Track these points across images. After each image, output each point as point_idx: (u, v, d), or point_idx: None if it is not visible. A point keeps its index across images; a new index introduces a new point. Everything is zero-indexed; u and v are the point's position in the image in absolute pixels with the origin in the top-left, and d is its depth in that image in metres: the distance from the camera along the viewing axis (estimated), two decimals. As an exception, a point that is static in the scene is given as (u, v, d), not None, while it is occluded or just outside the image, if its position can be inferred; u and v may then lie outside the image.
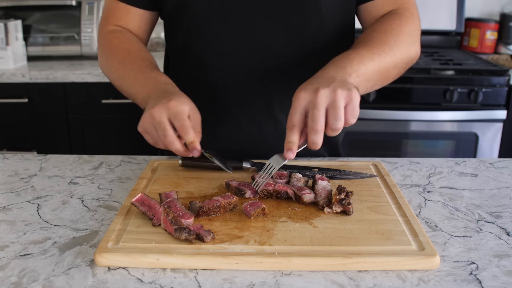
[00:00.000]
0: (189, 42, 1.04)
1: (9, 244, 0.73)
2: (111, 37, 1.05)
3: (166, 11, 1.05)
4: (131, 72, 0.97)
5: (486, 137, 2.19)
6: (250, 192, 0.85)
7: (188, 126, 0.80)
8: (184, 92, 1.11)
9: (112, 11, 1.07)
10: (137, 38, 1.07)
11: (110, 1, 1.07)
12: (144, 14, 1.07)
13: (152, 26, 1.12)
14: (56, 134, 2.27)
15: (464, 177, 0.99)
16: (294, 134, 0.78)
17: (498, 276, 0.65)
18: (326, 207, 0.79)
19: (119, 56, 1.01)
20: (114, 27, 1.07)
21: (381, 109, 2.15)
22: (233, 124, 1.07)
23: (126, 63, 0.99)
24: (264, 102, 1.05)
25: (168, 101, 0.81)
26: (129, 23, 1.07)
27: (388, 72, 0.92)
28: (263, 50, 1.00)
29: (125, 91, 0.99)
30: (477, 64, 2.27)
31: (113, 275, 0.65)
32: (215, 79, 1.04)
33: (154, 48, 2.68)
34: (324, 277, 0.65)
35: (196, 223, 0.75)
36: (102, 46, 1.07)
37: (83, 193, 0.91)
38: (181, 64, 1.09)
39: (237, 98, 1.05)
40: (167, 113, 0.80)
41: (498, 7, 2.70)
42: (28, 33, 2.40)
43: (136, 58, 0.99)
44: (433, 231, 0.77)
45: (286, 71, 1.02)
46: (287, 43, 1.00)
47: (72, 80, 2.16)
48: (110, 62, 1.03)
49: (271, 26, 0.99)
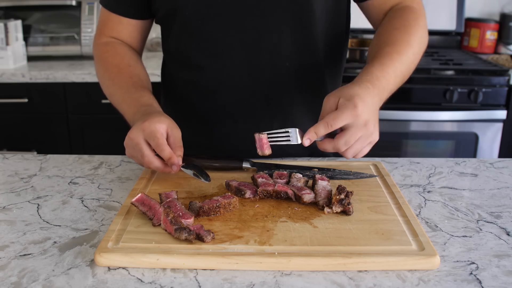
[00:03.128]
0: (182, 44, 1.05)
1: (9, 244, 0.73)
2: (103, 51, 1.07)
3: (159, 15, 1.06)
4: (119, 90, 1.01)
5: (486, 137, 2.19)
6: (250, 192, 0.85)
7: (163, 144, 0.84)
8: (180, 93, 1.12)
9: (105, 22, 1.10)
10: (129, 50, 1.08)
11: (104, 13, 1.09)
12: (136, 23, 1.09)
13: (146, 34, 1.13)
14: (56, 134, 2.27)
15: (464, 177, 0.99)
16: (324, 131, 0.81)
17: (498, 276, 0.65)
18: (326, 207, 0.79)
19: (109, 72, 1.04)
20: (107, 39, 1.09)
21: (381, 109, 2.13)
22: (230, 124, 1.07)
23: (115, 80, 1.02)
24: (260, 100, 1.05)
25: (143, 123, 0.85)
26: (122, 33, 1.09)
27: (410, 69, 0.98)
28: (256, 48, 1.01)
29: (116, 107, 1.03)
30: (477, 64, 2.27)
31: (113, 275, 0.65)
32: (209, 79, 1.05)
33: (154, 48, 2.68)
34: (324, 277, 0.65)
35: (196, 223, 0.75)
36: (95, 59, 1.10)
37: (83, 193, 0.91)
38: (176, 66, 1.10)
39: (232, 97, 1.05)
40: (143, 134, 0.84)
41: (498, 7, 2.70)
42: (28, 33, 2.40)
43: (125, 75, 1.02)
44: (433, 231, 0.77)
45: (280, 68, 1.03)
46: (279, 40, 1.01)
47: (72, 80, 2.16)
48: (102, 78, 1.07)
49: (263, 24, 0.99)
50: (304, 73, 1.05)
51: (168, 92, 1.16)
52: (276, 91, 1.04)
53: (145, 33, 1.13)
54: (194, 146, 1.09)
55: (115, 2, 1.06)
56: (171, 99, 1.16)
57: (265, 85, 1.04)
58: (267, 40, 1.00)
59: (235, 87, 1.04)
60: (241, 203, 0.82)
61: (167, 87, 1.16)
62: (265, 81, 1.03)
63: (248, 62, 1.02)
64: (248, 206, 0.82)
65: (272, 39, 1.00)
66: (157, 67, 1.58)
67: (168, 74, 1.14)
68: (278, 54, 1.02)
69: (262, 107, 1.06)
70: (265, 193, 0.84)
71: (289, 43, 1.01)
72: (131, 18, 1.08)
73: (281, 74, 1.03)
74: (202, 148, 1.09)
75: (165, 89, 1.17)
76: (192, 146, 1.10)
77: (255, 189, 0.85)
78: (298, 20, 1.00)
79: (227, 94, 1.05)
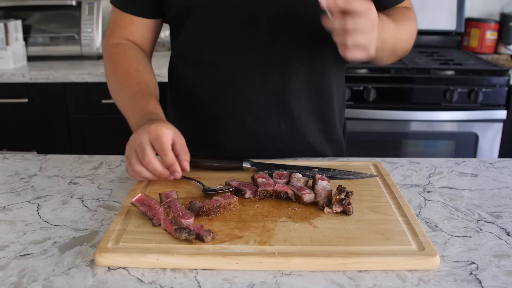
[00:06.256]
0: (194, 42, 1.05)
1: (9, 244, 0.73)
2: (113, 53, 1.07)
3: (171, 14, 1.06)
4: (126, 95, 1.01)
5: (486, 137, 2.19)
6: (250, 192, 0.85)
7: (168, 149, 0.84)
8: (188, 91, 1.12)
9: (116, 22, 1.10)
10: (139, 53, 1.09)
11: (115, 13, 1.10)
12: (148, 23, 1.09)
13: (157, 34, 1.14)
14: (56, 134, 2.27)
15: (464, 177, 0.99)
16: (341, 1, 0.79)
17: (498, 276, 0.65)
18: (326, 207, 0.79)
19: (117, 75, 1.04)
20: (118, 40, 1.09)
21: (381, 109, 2.15)
22: (237, 122, 1.07)
23: (123, 84, 1.02)
24: (268, 99, 1.05)
25: (149, 125, 0.85)
26: (133, 33, 1.09)
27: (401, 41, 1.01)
28: (268, 48, 1.01)
29: (121, 111, 1.03)
30: (477, 64, 2.27)
31: (113, 275, 0.65)
32: (220, 77, 1.05)
33: (155, 48, 2.68)
34: (324, 277, 0.65)
35: (196, 223, 0.75)
36: (105, 60, 1.10)
37: (83, 193, 0.91)
38: (185, 64, 1.10)
39: (241, 96, 1.05)
40: (148, 136, 0.84)
41: (498, 7, 2.70)
42: (28, 33, 2.40)
43: (132, 80, 1.02)
44: (433, 231, 0.77)
45: (291, 68, 1.03)
46: (291, 40, 1.01)
47: (72, 80, 2.16)
48: (110, 80, 1.06)
49: (276, 24, 0.99)
50: (313, 74, 1.06)
51: (175, 90, 1.16)
52: (285, 91, 1.05)
53: (156, 33, 1.13)
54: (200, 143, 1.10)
55: (127, 2, 1.06)
56: (177, 96, 1.16)
57: (275, 85, 1.04)
58: (280, 40, 1.01)
59: (244, 86, 1.04)
60: (241, 203, 0.82)
61: (173, 85, 1.16)
62: (275, 81, 1.04)
63: (259, 61, 1.02)
64: (248, 206, 0.82)
65: (284, 39, 1.01)
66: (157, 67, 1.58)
67: (176, 72, 1.15)
68: (289, 54, 1.02)
69: (270, 107, 1.06)
70: (265, 193, 0.84)
71: (301, 44, 1.02)
72: (144, 17, 1.08)
73: (291, 74, 1.04)
74: (207, 146, 1.10)
75: (171, 87, 1.17)
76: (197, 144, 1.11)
77: (255, 189, 0.85)
78: (310, 21, 1.00)
79: (236, 92, 1.05)
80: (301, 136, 1.09)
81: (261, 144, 1.08)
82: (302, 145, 1.10)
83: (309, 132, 1.10)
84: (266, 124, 1.07)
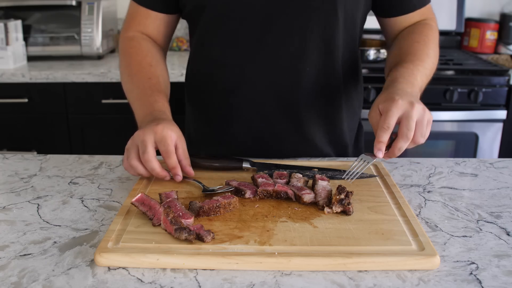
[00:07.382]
0: (207, 40, 1.06)
1: (9, 244, 0.73)
2: (128, 46, 1.08)
3: (186, 11, 1.07)
4: (136, 89, 1.01)
5: (486, 137, 2.19)
6: (250, 192, 0.85)
7: (172, 152, 0.86)
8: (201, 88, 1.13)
9: (133, 16, 1.10)
10: (153, 48, 1.09)
11: (132, 6, 1.10)
12: (164, 17, 1.09)
13: (172, 29, 1.14)
14: (56, 134, 2.27)
15: (464, 177, 0.99)
16: (386, 135, 0.83)
17: (498, 276, 0.65)
18: (326, 207, 0.79)
19: (130, 68, 1.05)
20: (133, 33, 1.10)
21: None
22: (244, 122, 1.08)
23: (134, 78, 1.03)
24: (276, 101, 1.05)
25: (156, 126, 0.86)
26: (149, 27, 1.10)
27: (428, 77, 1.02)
28: (279, 50, 1.01)
29: (130, 103, 1.03)
30: (477, 64, 2.27)
31: (113, 275, 0.65)
32: (230, 76, 1.05)
33: None
34: (324, 277, 0.65)
35: (196, 223, 0.75)
36: (120, 52, 1.11)
37: (83, 193, 0.91)
38: (199, 61, 1.11)
39: (249, 96, 1.06)
40: (154, 136, 0.85)
41: (498, 7, 2.70)
42: (28, 33, 2.40)
43: (144, 75, 1.02)
44: (433, 231, 0.77)
45: (301, 72, 1.03)
46: (303, 44, 1.01)
47: (72, 80, 2.16)
48: (123, 73, 1.07)
49: (289, 26, 0.99)
50: (322, 78, 1.06)
51: (189, 85, 1.17)
52: (293, 94, 1.05)
53: (172, 28, 1.14)
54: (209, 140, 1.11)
55: None
56: (191, 92, 1.17)
57: (284, 87, 1.04)
58: (291, 42, 1.01)
59: (253, 86, 1.04)
60: (241, 203, 0.82)
61: (188, 81, 1.17)
62: (284, 83, 1.04)
63: (269, 63, 1.02)
64: (248, 206, 0.82)
65: (296, 42, 1.01)
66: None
67: (190, 68, 1.16)
68: (300, 57, 1.02)
69: (277, 109, 1.06)
70: (265, 193, 0.84)
71: (313, 47, 1.02)
72: (159, 12, 1.08)
73: (300, 78, 1.04)
74: (216, 144, 1.10)
75: (187, 82, 1.18)
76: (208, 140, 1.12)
77: (255, 189, 0.85)
78: (323, 25, 1.00)
79: (245, 92, 1.05)
80: (307, 138, 1.09)
81: (267, 144, 1.09)
82: (308, 147, 1.10)
83: (316, 135, 1.10)
84: (273, 125, 1.07)
